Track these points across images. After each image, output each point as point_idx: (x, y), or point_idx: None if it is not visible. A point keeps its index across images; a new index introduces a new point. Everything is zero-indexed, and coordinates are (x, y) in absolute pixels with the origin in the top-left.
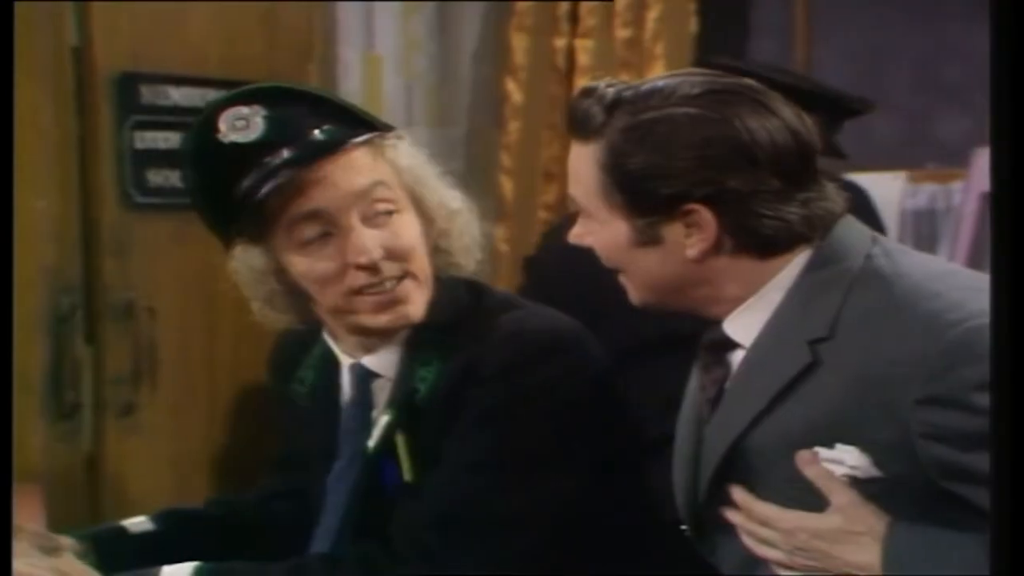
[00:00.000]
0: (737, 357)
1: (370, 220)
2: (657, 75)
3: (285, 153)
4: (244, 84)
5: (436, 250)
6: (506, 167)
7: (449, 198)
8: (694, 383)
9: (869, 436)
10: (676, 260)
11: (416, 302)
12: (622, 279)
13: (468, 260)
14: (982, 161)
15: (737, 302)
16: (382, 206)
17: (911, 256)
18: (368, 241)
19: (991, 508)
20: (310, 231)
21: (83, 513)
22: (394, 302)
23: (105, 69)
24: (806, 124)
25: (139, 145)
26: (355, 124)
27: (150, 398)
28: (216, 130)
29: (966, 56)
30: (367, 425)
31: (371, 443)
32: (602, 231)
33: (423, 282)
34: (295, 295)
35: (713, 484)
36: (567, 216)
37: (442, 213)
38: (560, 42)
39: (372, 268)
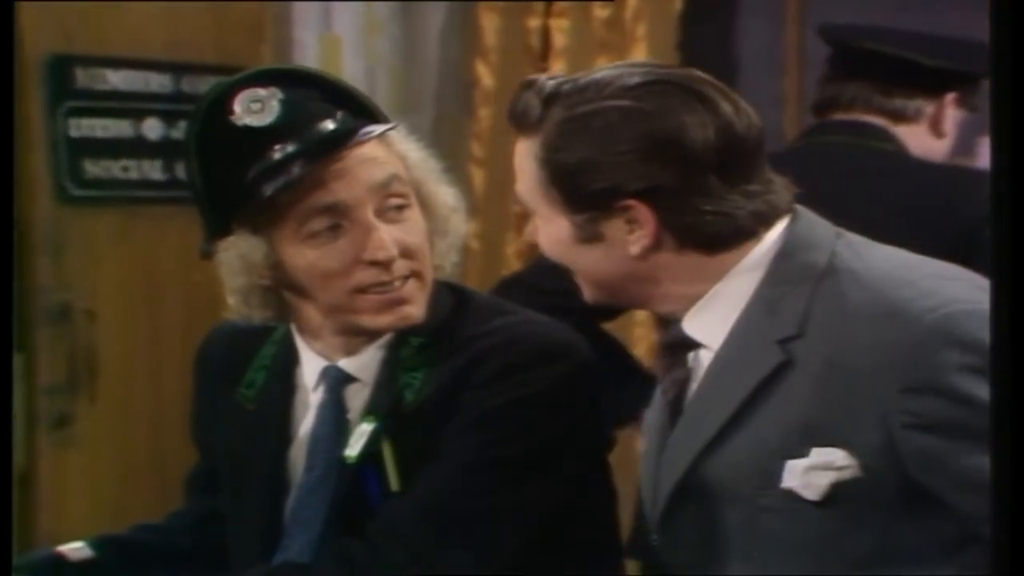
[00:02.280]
0: (699, 357)
1: (383, 215)
2: (601, 66)
3: (299, 141)
4: (190, 66)
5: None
6: (476, 157)
7: (448, 195)
8: (659, 389)
9: (847, 435)
10: (620, 257)
11: (419, 303)
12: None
13: (447, 261)
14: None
15: (690, 299)
16: (395, 200)
17: (877, 248)
18: (386, 237)
19: (991, 508)
20: (320, 223)
21: (14, 537)
22: (398, 302)
23: (35, 51)
24: (748, 116)
25: (75, 133)
26: (363, 112)
27: (88, 409)
28: (229, 112)
29: None
30: (342, 433)
31: (351, 452)
32: (546, 228)
33: (426, 283)
34: (275, 291)
35: (673, 498)
36: None
37: (443, 212)
38: (534, 22)
39: (386, 265)
